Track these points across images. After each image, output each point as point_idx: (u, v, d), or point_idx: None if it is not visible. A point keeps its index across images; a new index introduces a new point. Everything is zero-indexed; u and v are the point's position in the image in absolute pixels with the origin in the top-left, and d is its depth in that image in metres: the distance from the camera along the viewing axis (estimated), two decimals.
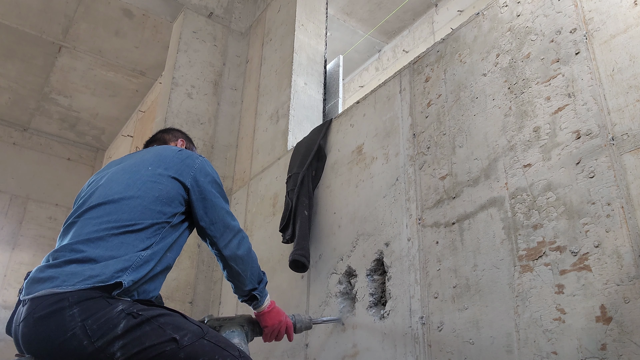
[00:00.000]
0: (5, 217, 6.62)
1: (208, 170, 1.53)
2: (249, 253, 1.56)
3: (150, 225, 1.34)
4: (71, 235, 1.31)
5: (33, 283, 1.22)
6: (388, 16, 5.72)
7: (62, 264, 1.22)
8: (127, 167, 1.48)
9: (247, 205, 3.26)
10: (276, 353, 2.47)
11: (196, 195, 1.47)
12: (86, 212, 1.35)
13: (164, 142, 1.83)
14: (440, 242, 1.77)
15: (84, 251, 1.24)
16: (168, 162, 1.48)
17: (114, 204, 1.34)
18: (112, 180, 1.43)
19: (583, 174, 1.40)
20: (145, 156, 1.52)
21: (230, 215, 1.54)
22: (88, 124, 6.90)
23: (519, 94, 1.65)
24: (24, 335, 1.20)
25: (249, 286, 1.57)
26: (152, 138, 1.87)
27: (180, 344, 1.20)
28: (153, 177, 1.42)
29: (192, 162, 1.51)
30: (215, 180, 1.54)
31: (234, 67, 4.17)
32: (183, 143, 1.85)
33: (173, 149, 1.56)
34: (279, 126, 3.21)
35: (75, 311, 1.15)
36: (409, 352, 1.75)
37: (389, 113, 2.21)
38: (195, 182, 1.47)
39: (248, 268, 1.56)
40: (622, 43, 1.41)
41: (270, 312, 1.65)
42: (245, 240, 1.56)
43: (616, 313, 1.24)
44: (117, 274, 1.22)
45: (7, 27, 5.22)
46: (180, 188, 1.44)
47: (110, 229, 1.29)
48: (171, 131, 1.90)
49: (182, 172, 1.46)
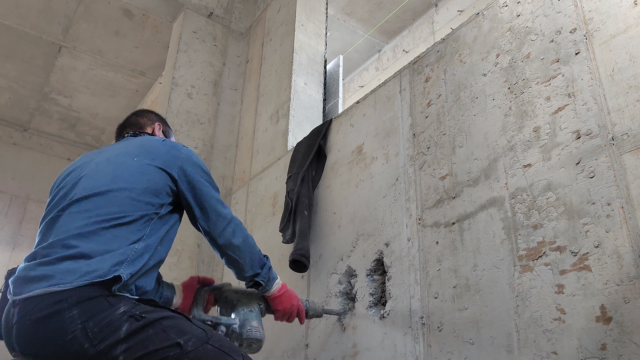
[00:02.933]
0: (6, 217, 6.62)
1: (194, 160, 1.50)
2: (246, 239, 1.53)
3: (140, 217, 1.32)
4: (58, 230, 1.27)
5: (25, 282, 1.18)
6: (388, 16, 5.72)
7: (55, 261, 1.19)
8: (112, 158, 1.45)
9: (247, 205, 3.26)
10: (276, 353, 2.47)
11: (184, 185, 1.45)
12: (71, 205, 1.31)
13: (139, 126, 1.74)
14: (440, 242, 1.77)
15: (77, 246, 1.21)
16: (153, 152, 1.45)
17: (102, 197, 1.31)
18: (97, 172, 1.40)
19: (583, 174, 1.40)
20: (129, 147, 1.49)
21: (220, 203, 1.51)
22: (88, 124, 6.90)
23: (519, 94, 1.65)
24: (20, 337, 1.16)
25: (249, 272, 1.55)
26: (126, 122, 1.76)
27: (184, 349, 1.18)
28: (140, 167, 1.40)
29: (177, 152, 1.48)
30: (203, 168, 1.52)
31: (234, 67, 4.16)
32: (160, 127, 1.77)
33: (156, 139, 1.53)
34: (279, 126, 3.21)
35: (75, 313, 1.13)
36: (409, 352, 1.75)
37: (389, 113, 2.21)
38: (182, 171, 1.45)
39: (247, 254, 1.53)
40: (622, 43, 1.41)
41: (281, 296, 1.63)
42: (240, 227, 1.53)
43: (616, 313, 1.24)
44: (114, 268, 1.20)
45: (7, 27, 5.22)
46: (167, 179, 1.42)
47: (101, 222, 1.26)
48: (145, 114, 1.81)
49: (168, 163, 1.44)
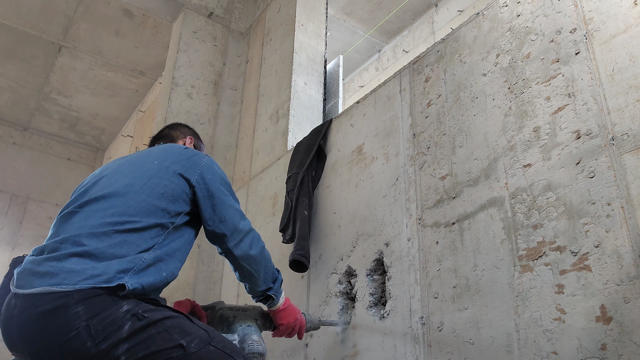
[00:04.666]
0: (5, 217, 6.62)
1: (215, 169, 1.49)
2: (262, 252, 1.51)
3: (154, 225, 1.30)
4: (73, 225, 1.26)
5: (29, 275, 1.17)
6: (388, 16, 5.72)
7: (62, 257, 1.17)
8: (133, 160, 1.45)
9: (247, 205, 3.26)
10: (276, 353, 2.47)
11: (202, 193, 1.42)
12: (89, 203, 1.31)
13: (171, 139, 1.77)
14: (440, 242, 1.77)
15: (86, 245, 1.19)
16: (174, 158, 1.44)
17: (119, 198, 1.30)
18: (118, 173, 1.40)
19: (583, 174, 1.40)
20: (152, 152, 1.49)
21: (240, 213, 1.49)
22: (88, 124, 6.90)
23: (519, 94, 1.65)
24: (21, 331, 1.14)
25: (262, 287, 1.54)
26: (159, 134, 1.81)
27: (187, 350, 1.17)
28: (159, 172, 1.39)
29: (198, 159, 1.47)
30: (223, 178, 1.50)
31: (234, 67, 4.16)
32: (192, 141, 1.79)
33: (180, 146, 1.53)
34: (278, 126, 3.21)
35: (80, 309, 1.11)
36: (409, 352, 1.75)
37: (389, 113, 2.21)
38: (202, 178, 1.43)
39: (262, 268, 1.51)
40: (622, 43, 1.41)
41: (285, 310, 1.62)
42: (257, 239, 1.51)
43: (616, 313, 1.24)
44: (120, 275, 1.18)
45: (7, 27, 5.22)
46: (185, 185, 1.40)
47: (114, 224, 1.25)
48: (178, 127, 1.83)
49: (188, 169, 1.42)
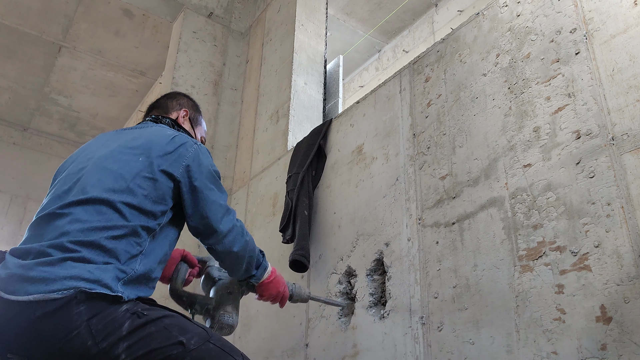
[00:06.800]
0: (6, 217, 6.62)
1: (202, 160, 1.42)
2: (245, 247, 1.49)
3: (141, 228, 1.27)
4: (58, 229, 1.21)
5: (20, 281, 1.12)
6: (388, 16, 5.72)
7: (56, 262, 1.14)
8: (116, 154, 1.37)
9: (247, 205, 3.26)
10: (276, 353, 2.47)
11: (186, 187, 1.37)
12: (72, 205, 1.25)
13: (165, 109, 1.68)
14: (440, 242, 1.77)
15: (79, 251, 1.17)
16: (159, 150, 1.37)
17: (104, 205, 1.25)
18: (101, 170, 1.33)
19: (583, 174, 1.40)
20: (137, 142, 1.40)
21: (224, 208, 1.43)
22: (88, 124, 6.90)
23: (519, 94, 1.65)
24: (17, 334, 1.10)
25: (243, 275, 1.53)
26: (155, 103, 1.71)
27: (187, 347, 1.17)
28: (143, 170, 1.33)
29: (184, 150, 1.40)
30: (210, 170, 1.43)
31: (234, 67, 4.16)
32: (186, 114, 1.70)
33: (166, 134, 1.44)
34: (279, 126, 3.21)
35: (82, 309, 1.10)
36: (409, 352, 1.75)
37: (389, 113, 2.21)
38: (187, 172, 1.37)
39: (244, 262, 1.50)
40: (622, 43, 1.41)
41: (269, 284, 1.60)
42: (240, 234, 1.47)
43: (616, 313, 1.24)
44: (115, 285, 1.17)
45: (7, 27, 5.22)
46: (169, 181, 1.35)
47: (101, 229, 1.21)
48: (176, 97, 1.72)
49: (172, 163, 1.36)
